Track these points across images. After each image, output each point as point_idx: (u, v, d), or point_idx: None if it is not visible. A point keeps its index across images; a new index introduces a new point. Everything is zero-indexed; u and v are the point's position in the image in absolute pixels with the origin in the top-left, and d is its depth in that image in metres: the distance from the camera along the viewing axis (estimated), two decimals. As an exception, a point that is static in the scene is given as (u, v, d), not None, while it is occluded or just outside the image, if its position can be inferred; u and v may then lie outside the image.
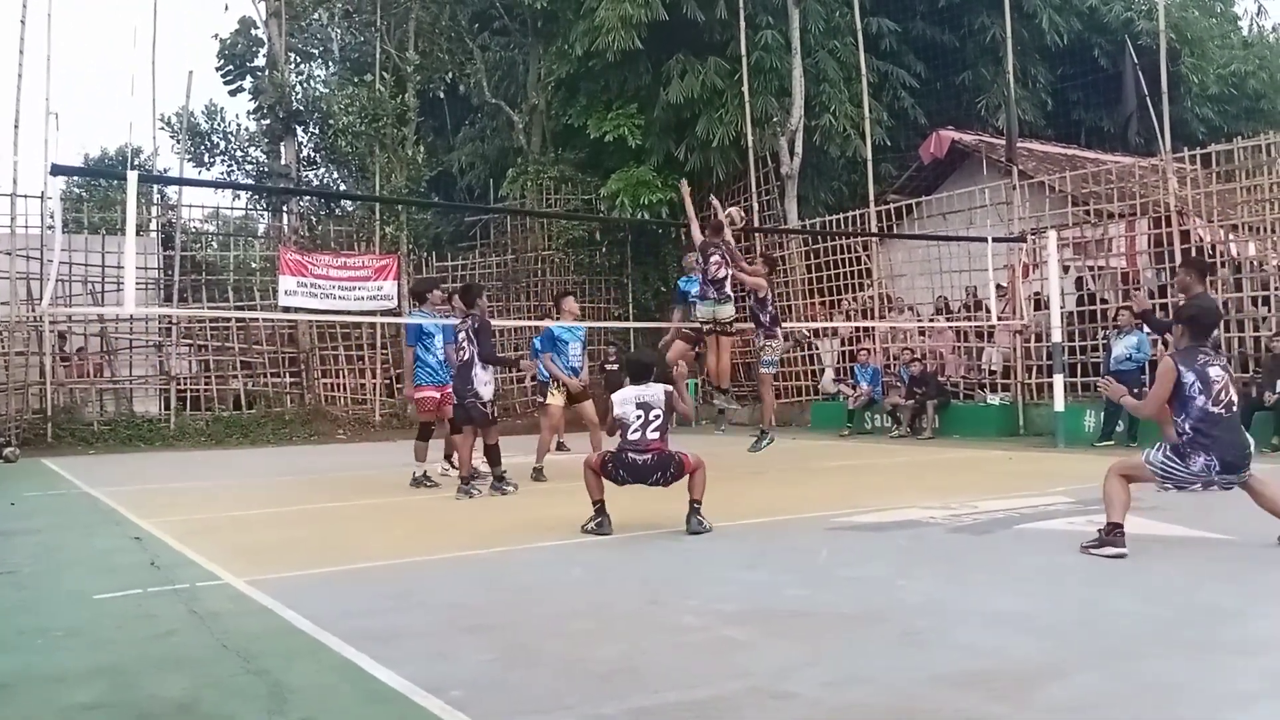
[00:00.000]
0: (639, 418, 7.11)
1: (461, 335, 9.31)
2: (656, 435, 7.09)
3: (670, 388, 7.38)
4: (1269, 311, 13.42)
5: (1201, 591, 5.05)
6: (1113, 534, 5.91)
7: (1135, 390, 13.08)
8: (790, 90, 20.07)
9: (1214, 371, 6.01)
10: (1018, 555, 6.13)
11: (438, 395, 10.05)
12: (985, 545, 6.45)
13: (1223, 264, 13.97)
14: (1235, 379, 6.03)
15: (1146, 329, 12.64)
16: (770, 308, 10.60)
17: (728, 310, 10.13)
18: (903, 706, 3.37)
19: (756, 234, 20.23)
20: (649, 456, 7.08)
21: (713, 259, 10.17)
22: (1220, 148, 14.41)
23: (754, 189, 19.92)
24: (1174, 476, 6.04)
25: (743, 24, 19.48)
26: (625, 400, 7.21)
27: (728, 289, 10.06)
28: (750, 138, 19.76)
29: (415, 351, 10.08)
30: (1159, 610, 4.64)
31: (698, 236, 10.31)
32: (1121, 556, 5.78)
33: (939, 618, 4.55)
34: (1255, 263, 14.20)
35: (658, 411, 7.11)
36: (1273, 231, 13.90)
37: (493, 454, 9.29)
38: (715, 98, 20.22)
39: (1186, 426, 5.97)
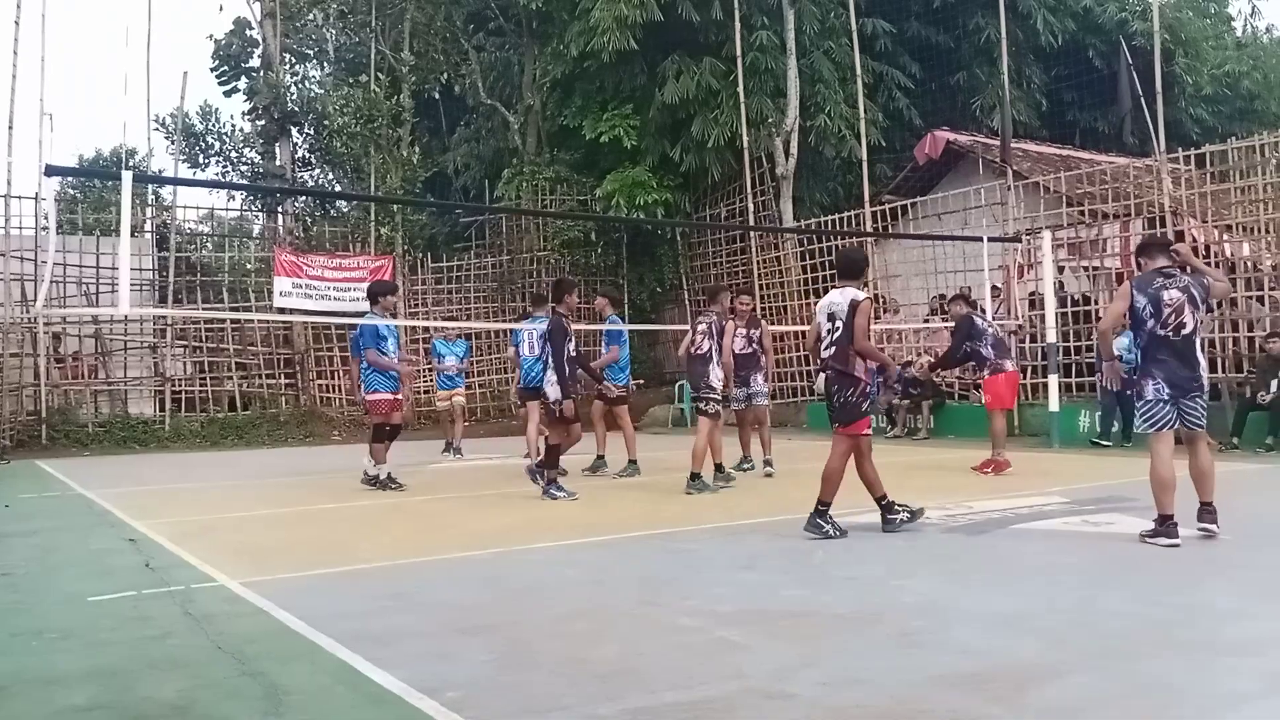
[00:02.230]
0: (829, 330, 6.66)
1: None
2: (832, 350, 6.61)
3: (861, 296, 6.62)
4: (1264, 311, 13.44)
5: (1197, 591, 5.07)
6: (1164, 525, 6.13)
7: (1128, 391, 13.22)
8: (785, 91, 20.08)
9: (1168, 295, 6.14)
10: (1014, 555, 6.14)
11: (391, 398, 10.00)
12: (981, 545, 6.46)
13: (1218, 264, 13.99)
14: (1195, 306, 6.16)
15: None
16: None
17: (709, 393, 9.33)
18: (899, 707, 3.37)
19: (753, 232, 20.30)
20: (830, 373, 6.65)
21: (699, 329, 9.48)
22: (1214, 148, 14.44)
23: (749, 190, 19.94)
24: (1153, 416, 6.20)
25: (738, 25, 19.50)
26: (821, 309, 6.78)
27: (712, 364, 9.23)
28: (745, 138, 19.77)
29: (373, 354, 9.93)
30: (1155, 610, 4.65)
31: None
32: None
33: (935, 618, 4.55)
34: (1249, 263, 14.23)
35: (840, 324, 6.56)
36: (1267, 232, 13.92)
37: (551, 452, 9.14)
38: (710, 98, 20.23)
39: (1138, 352, 6.24)
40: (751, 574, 5.69)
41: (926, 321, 17.19)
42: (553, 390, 8.98)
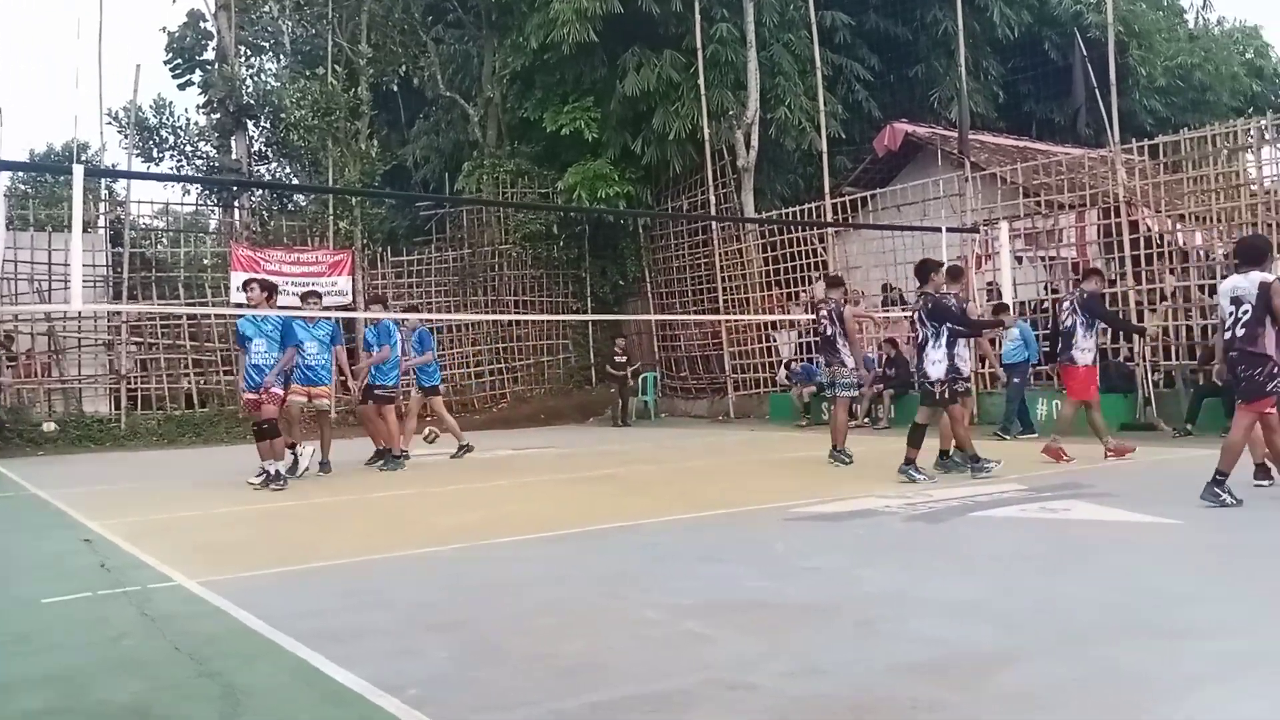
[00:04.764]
0: (1231, 314, 6.92)
1: (917, 316, 9.31)
2: (1242, 332, 6.83)
3: (1270, 277, 6.84)
4: (1215, 299, 13.64)
5: (1152, 576, 5.14)
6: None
7: (1017, 379, 13.44)
8: (746, 83, 20.12)
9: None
10: (973, 543, 6.20)
11: (255, 398, 9.86)
12: (940, 534, 6.52)
13: (1171, 254, 14.21)
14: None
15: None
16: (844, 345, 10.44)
17: (842, 373, 10.37)
18: (860, 697, 3.39)
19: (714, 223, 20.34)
20: (1237, 352, 6.89)
21: (821, 314, 10.41)
22: (1167, 139, 14.66)
23: (711, 182, 19.96)
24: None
25: (698, 17, 19.49)
26: (1224, 294, 7.08)
27: (839, 350, 10.26)
28: (707, 131, 19.78)
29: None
30: (1111, 596, 4.71)
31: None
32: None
33: (896, 607, 4.59)
34: (1202, 252, 14.45)
35: (1248, 306, 6.81)
36: (1218, 221, 14.15)
37: (914, 434, 9.03)
38: (671, 91, 20.23)
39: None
40: (715, 566, 5.70)
41: (886, 312, 17.32)
42: (935, 369, 9.01)
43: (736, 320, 19.41)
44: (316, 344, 10.81)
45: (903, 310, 17.01)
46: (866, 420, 15.88)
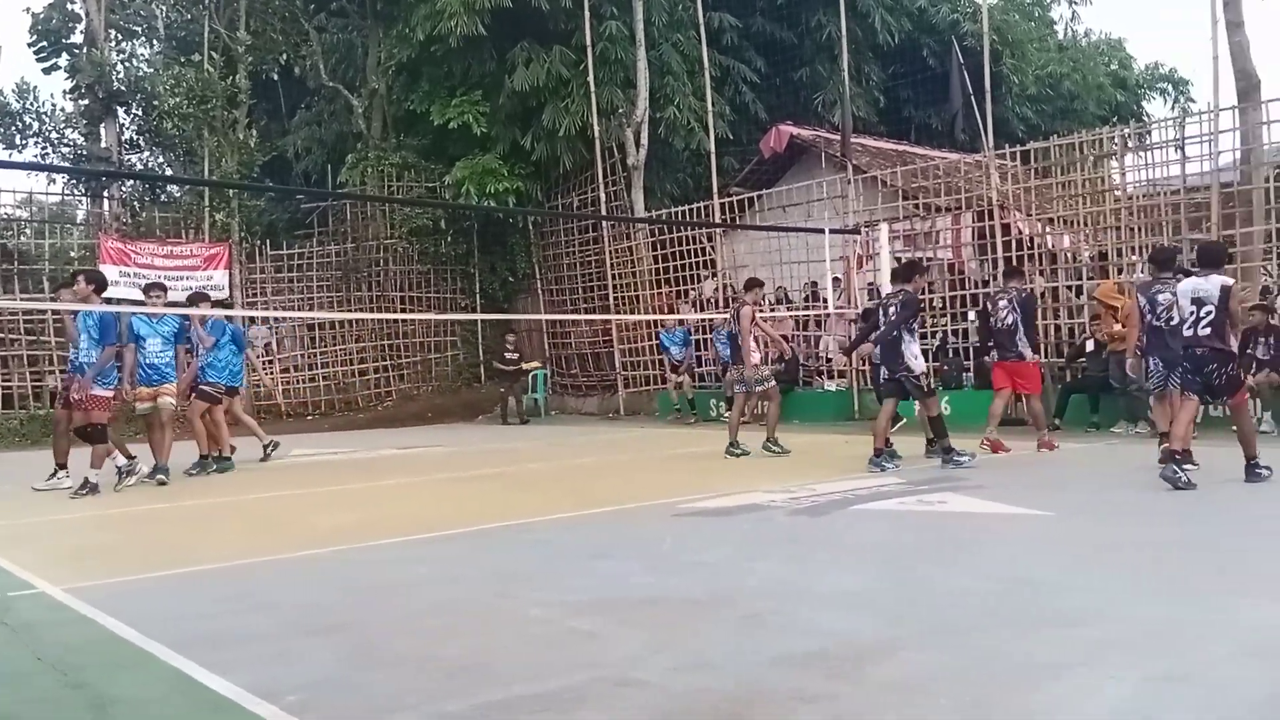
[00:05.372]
0: (1192, 313, 7.38)
1: (892, 310, 9.44)
2: (1208, 331, 7.32)
3: (1230, 281, 7.49)
4: (1083, 299, 14.28)
5: (1024, 566, 5.32)
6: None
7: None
8: (635, 82, 20.16)
9: (1161, 297, 8.00)
10: (855, 535, 6.34)
11: (76, 398, 9.40)
12: (823, 527, 6.66)
13: (1040, 255, 14.80)
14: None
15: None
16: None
17: (750, 370, 10.93)
18: (745, 689, 3.43)
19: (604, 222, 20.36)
20: (1204, 350, 7.35)
21: (730, 313, 11.30)
22: (1038, 145, 15.25)
23: (601, 179, 19.97)
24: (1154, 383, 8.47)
25: (587, 14, 19.45)
26: (1184, 294, 7.51)
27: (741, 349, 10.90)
28: (597, 128, 19.77)
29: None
30: (985, 585, 4.87)
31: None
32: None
33: (781, 600, 4.66)
34: (1069, 254, 15.10)
35: (1210, 308, 7.30)
36: (1085, 224, 14.81)
37: (936, 425, 9.50)
38: (561, 87, 20.14)
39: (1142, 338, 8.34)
40: (604, 562, 5.71)
41: (773, 310, 17.60)
42: (917, 364, 9.32)
43: (626, 318, 19.46)
44: (160, 340, 10.06)
45: (788, 309, 17.34)
46: (749, 418, 16.07)
